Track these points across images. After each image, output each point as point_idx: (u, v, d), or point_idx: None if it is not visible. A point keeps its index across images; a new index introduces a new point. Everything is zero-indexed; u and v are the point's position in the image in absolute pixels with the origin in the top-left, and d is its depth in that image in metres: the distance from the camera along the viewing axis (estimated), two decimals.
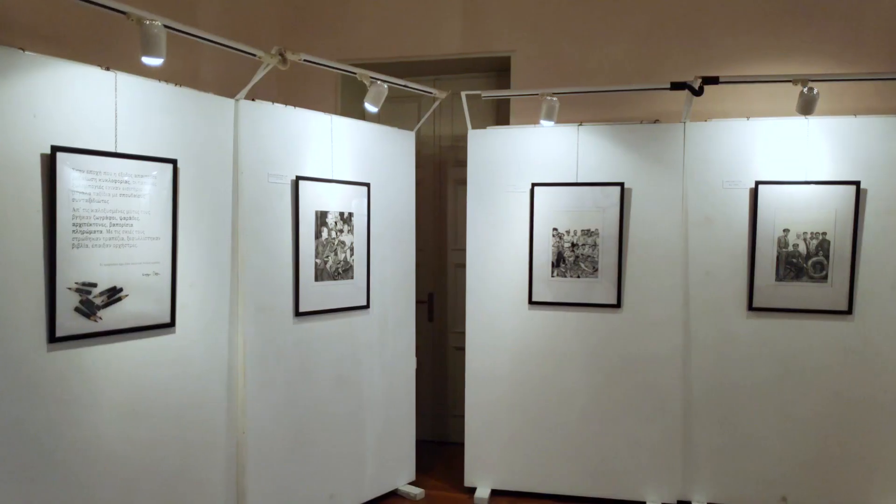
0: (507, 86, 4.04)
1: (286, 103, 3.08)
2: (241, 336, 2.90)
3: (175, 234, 2.63)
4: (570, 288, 3.55)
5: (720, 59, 3.66)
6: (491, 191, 3.62)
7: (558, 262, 3.55)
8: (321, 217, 3.19)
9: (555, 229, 3.55)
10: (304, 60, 2.86)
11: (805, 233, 3.28)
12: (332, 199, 3.24)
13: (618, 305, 3.49)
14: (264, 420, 2.98)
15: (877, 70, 3.46)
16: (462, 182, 3.69)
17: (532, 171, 3.57)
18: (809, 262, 3.29)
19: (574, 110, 3.77)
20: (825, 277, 3.28)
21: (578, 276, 3.54)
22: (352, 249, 3.34)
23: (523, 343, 3.60)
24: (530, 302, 3.58)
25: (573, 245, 3.54)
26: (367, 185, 3.40)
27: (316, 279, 3.18)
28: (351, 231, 3.33)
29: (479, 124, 3.70)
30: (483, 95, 3.49)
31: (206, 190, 2.77)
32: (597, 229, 3.50)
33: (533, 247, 3.57)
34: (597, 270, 3.51)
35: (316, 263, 3.18)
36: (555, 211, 3.54)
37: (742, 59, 3.64)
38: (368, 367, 3.47)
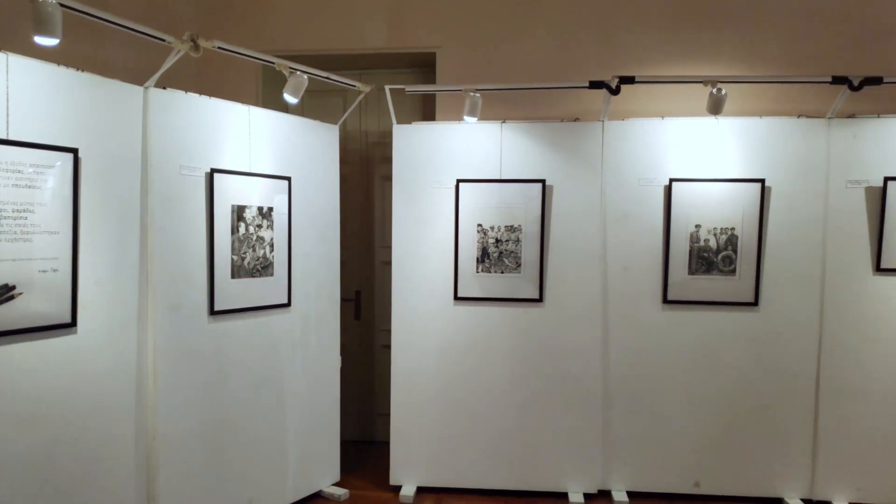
0: (432, 82, 4.03)
1: (205, 93, 2.96)
2: (151, 336, 2.76)
3: (76, 229, 2.47)
4: (494, 283, 3.57)
5: (637, 60, 3.77)
6: (416, 186, 3.60)
7: (483, 257, 3.57)
8: (238, 211, 3.08)
9: (479, 225, 3.56)
10: (219, 48, 2.75)
11: (715, 228, 3.43)
12: (251, 193, 3.14)
13: (540, 300, 3.54)
14: (177, 424, 2.85)
15: (777, 73, 3.65)
16: (389, 178, 3.65)
17: (457, 167, 3.57)
18: (719, 257, 3.44)
19: (498, 108, 3.80)
20: (734, 271, 3.43)
21: (502, 272, 3.57)
22: (272, 245, 3.24)
23: (449, 339, 3.60)
24: (456, 298, 3.59)
25: (497, 241, 3.56)
26: (288, 179, 3.32)
27: (233, 276, 3.07)
28: (271, 226, 3.24)
29: (406, 120, 3.67)
30: (407, 90, 3.46)
31: (111, 182, 2.62)
32: (520, 225, 3.54)
33: (458, 243, 3.57)
34: (520, 265, 3.55)
35: (233, 260, 3.07)
36: (479, 207, 3.56)
37: (657, 60, 3.76)
38: (290, 366, 3.38)
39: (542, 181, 3.51)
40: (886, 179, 3.29)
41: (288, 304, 3.34)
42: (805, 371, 3.43)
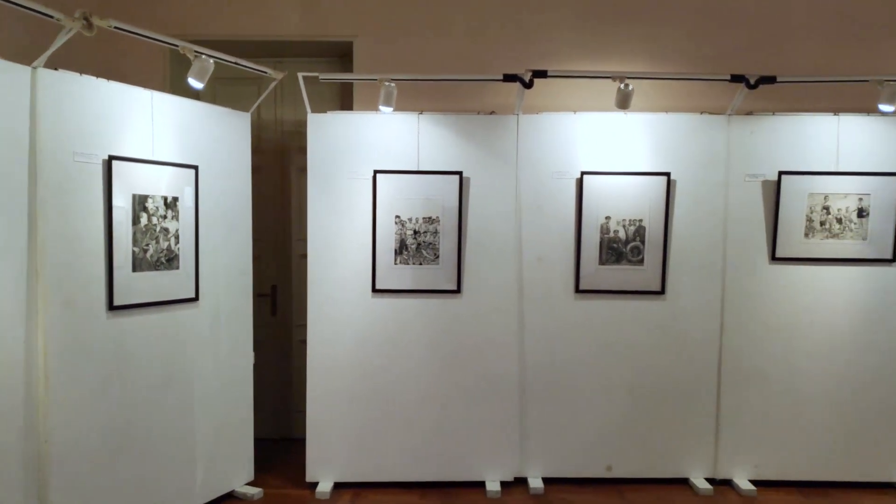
0: (350, 72, 3.97)
1: (110, 77, 2.79)
2: (41, 333, 2.59)
3: None
4: (412, 275, 3.56)
5: (551, 55, 3.84)
6: (333, 177, 3.53)
7: (401, 249, 3.55)
8: (140, 201, 2.93)
9: (397, 217, 3.54)
10: (115, 27, 2.60)
11: (624, 220, 3.54)
12: (154, 182, 2.99)
13: (458, 291, 3.56)
14: (72, 426, 2.69)
15: (681, 70, 3.80)
16: (305, 169, 3.57)
17: (374, 158, 3.53)
18: (628, 247, 3.55)
19: (415, 99, 3.79)
20: (641, 261, 3.55)
21: (421, 264, 3.56)
22: (177, 237, 3.10)
23: (366, 332, 3.56)
24: (374, 290, 3.55)
25: (415, 232, 3.55)
26: (195, 167, 3.18)
27: (134, 269, 2.92)
28: (176, 217, 3.10)
29: (325, 111, 3.60)
30: (321, 78, 3.39)
31: None
32: (438, 217, 3.54)
33: (376, 235, 3.53)
34: (438, 257, 3.55)
35: (134, 252, 2.91)
36: (397, 198, 3.53)
37: (570, 55, 3.85)
38: (199, 363, 3.25)
39: (460, 173, 3.52)
40: (781, 173, 3.49)
41: (195, 299, 3.21)
42: (708, 356, 3.60)
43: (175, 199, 3.09)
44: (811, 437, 3.60)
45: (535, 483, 3.56)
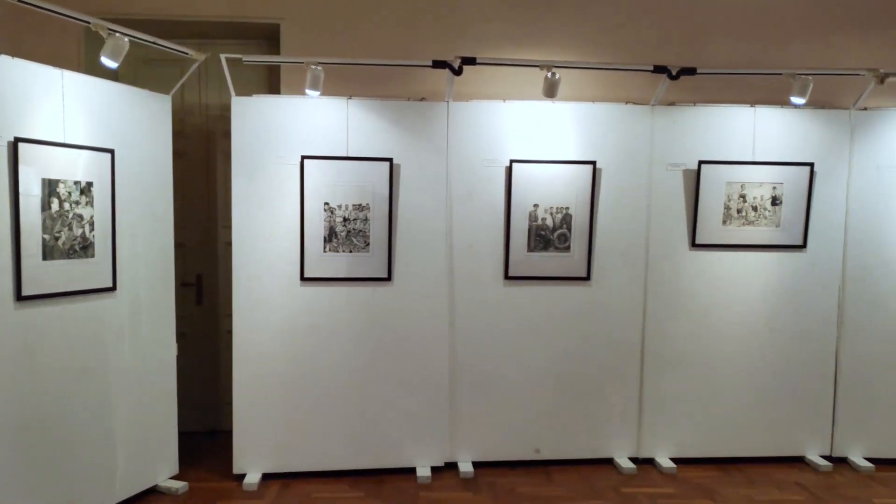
0: (278, 55, 3.87)
1: (18, 56, 2.62)
2: None
3: None
4: (342, 263, 3.52)
5: (482, 43, 3.85)
6: (259, 163, 3.44)
7: (330, 237, 3.50)
8: (51, 186, 2.78)
9: (326, 203, 3.49)
10: (21, 1, 2.45)
11: (552, 207, 3.60)
12: (66, 166, 2.84)
13: (388, 279, 3.54)
14: None
15: (606, 61, 3.87)
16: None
17: (302, 143, 3.46)
18: (555, 234, 3.62)
19: (344, 84, 3.73)
20: (568, 248, 3.63)
21: (351, 251, 3.52)
22: (92, 224, 2.97)
23: (295, 321, 3.50)
24: (302, 278, 3.49)
25: (345, 220, 3.51)
26: (111, 151, 3.04)
27: (45, 258, 2.78)
28: (90, 203, 2.96)
29: (250, 95, 3.50)
30: (244, 60, 3.30)
31: None
32: (368, 204, 3.51)
33: (304, 222, 3.47)
34: (368, 245, 3.52)
35: (44, 240, 2.77)
36: (326, 185, 3.48)
37: (499, 44, 3.86)
38: (118, 356, 3.13)
39: (390, 160, 3.50)
40: (700, 163, 3.62)
41: (113, 288, 3.08)
42: (631, 340, 3.71)
43: (90, 185, 2.95)
44: (728, 415, 3.77)
45: (466, 467, 3.61)
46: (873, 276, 3.71)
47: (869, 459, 3.76)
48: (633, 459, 3.75)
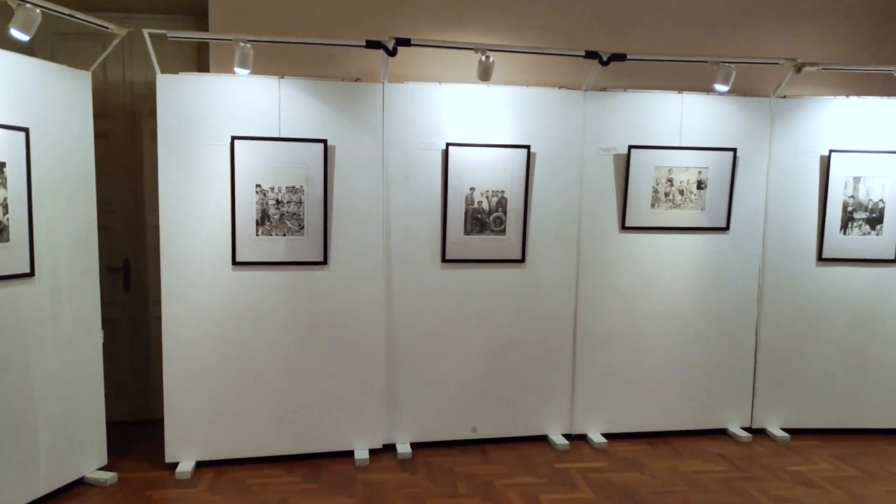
0: (207, 31, 3.74)
1: None
2: None
3: None
4: (276, 246, 3.46)
5: (417, 25, 3.82)
6: (186, 143, 3.33)
7: (263, 220, 3.43)
8: None
9: (258, 186, 3.41)
10: None
11: (488, 191, 3.63)
12: None
13: (324, 262, 3.51)
14: None
15: (540, 45, 3.91)
16: None
17: (232, 123, 3.36)
18: (491, 218, 3.65)
19: (276, 63, 3.64)
20: (504, 231, 3.67)
21: (285, 234, 3.46)
22: (6, 207, 2.82)
23: (227, 306, 3.43)
24: (234, 263, 3.42)
25: (278, 202, 3.44)
26: (25, 130, 2.89)
27: None
28: (4, 185, 2.80)
29: (176, 72, 3.37)
30: (168, 36, 3.17)
31: None
32: (302, 186, 3.45)
33: (235, 204, 3.39)
34: (303, 228, 3.47)
35: None
36: (258, 166, 3.40)
37: (435, 26, 3.85)
38: (38, 344, 2.99)
39: (324, 141, 3.44)
40: (630, 147, 3.71)
41: (31, 274, 2.94)
42: (564, 320, 3.80)
43: (2, 165, 2.79)
44: (655, 391, 3.92)
45: (404, 448, 3.63)
46: (790, 256, 3.91)
47: (785, 430, 3.99)
48: (567, 436, 3.86)
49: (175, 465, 3.43)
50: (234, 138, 3.34)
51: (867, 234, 3.88)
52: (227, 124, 3.35)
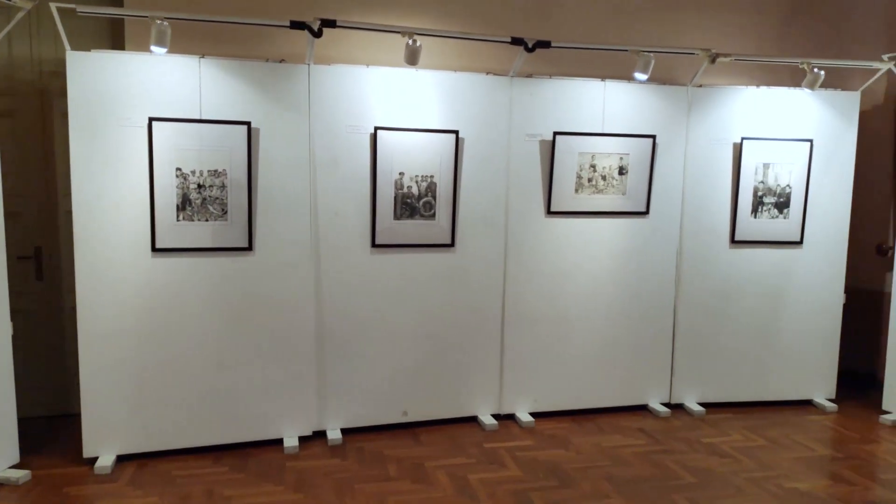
0: (122, 7, 3.57)
1: None
2: None
3: None
4: (198, 232, 3.36)
5: (346, 6, 3.77)
6: (100, 124, 3.18)
7: (184, 204, 3.33)
8: None
9: (178, 169, 3.30)
10: None
11: (417, 176, 3.63)
12: None
13: (249, 248, 3.43)
14: None
15: (468, 30, 3.92)
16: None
17: (150, 103, 3.23)
18: (421, 203, 3.67)
19: (197, 42, 3.52)
20: (433, 216, 3.69)
21: (207, 220, 3.37)
22: None
23: (147, 295, 3.31)
24: (154, 249, 3.30)
25: (200, 186, 3.34)
26: None
27: None
28: None
29: (89, 49, 3.21)
30: (78, 10, 3.00)
31: None
32: (225, 170, 3.36)
33: (154, 189, 3.27)
34: (226, 213, 3.39)
35: None
36: (178, 149, 3.28)
37: (362, 7, 3.80)
38: None
39: (248, 123, 3.36)
40: (555, 134, 3.79)
41: None
42: (493, 303, 3.87)
43: None
44: (580, 370, 4.05)
45: (334, 435, 3.62)
46: (706, 239, 4.10)
47: (701, 404, 4.20)
48: (496, 416, 3.95)
49: (94, 459, 3.30)
50: (151, 120, 3.22)
51: (775, 217, 4.11)
52: (144, 105, 3.22)
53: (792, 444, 3.71)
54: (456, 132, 3.65)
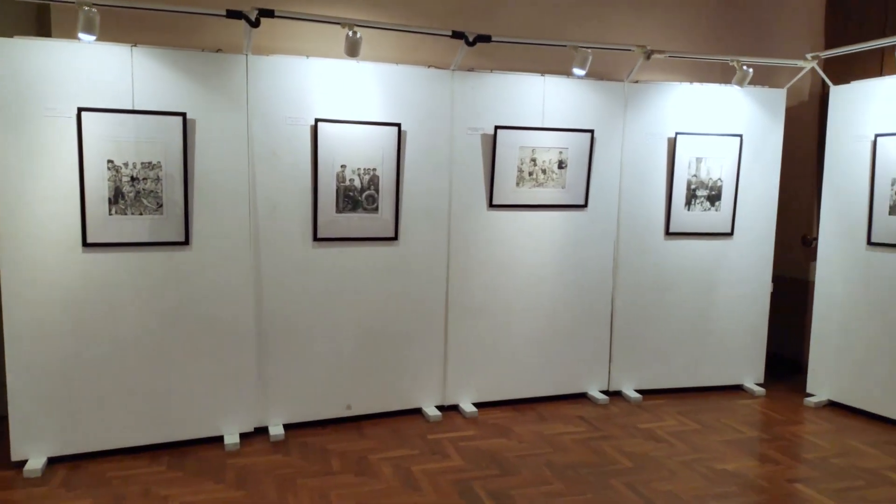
0: None
1: None
2: None
3: None
4: (132, 226, 3.26)
5: None
6: (24, 115, 3.04)
7: (116, 198, 3.22)
8: None
9: (110, 161, 3.19)
10: None
11: (359, 168, 3.62)
12: None
13: (186, 242, 3.36)
14: None
15: (409, 23, 3.92)
16: None
17: (79, 93, 3.11)
18: (363, 195, 3.66)
19: (130, 31, 3.40)
20: (376, 209, 3.69)
21: (142, 214, 3.27)
22: None
23: (79, 291, 3.20)
24: (85, 244, 3.19)
25: (134, 179, 3.24)
26: None
27: None
28: None
29: (11, 35, 3.06)
30: None
31: None
32: (160, 162, 3.27)
33: (84, 181, 3.15)
34: (162, 206, 3.30)
35: None
36: (110, 140, 3.18)
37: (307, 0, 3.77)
38: None
39: (183, 114, 3.27)
40: (497, 128, 3.84)
41: None
42: (436, 295, 3.89)
43: None
44: (522, 360, 4.12)
45: (276, 430, 3.59)
46: (641, 232, 4.23)
47: (638, 391, 4.34)
48: (441, 407, 3.98)
49: (23, 462, 3.18)
50: (80, 110, 3.10)
51: (708, 210, 4.27)
52: (73, 95, 3.10)
53: (722, 427, 3.87)
54: (398, 125, 3.65)
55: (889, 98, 3.84)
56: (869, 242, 3.94)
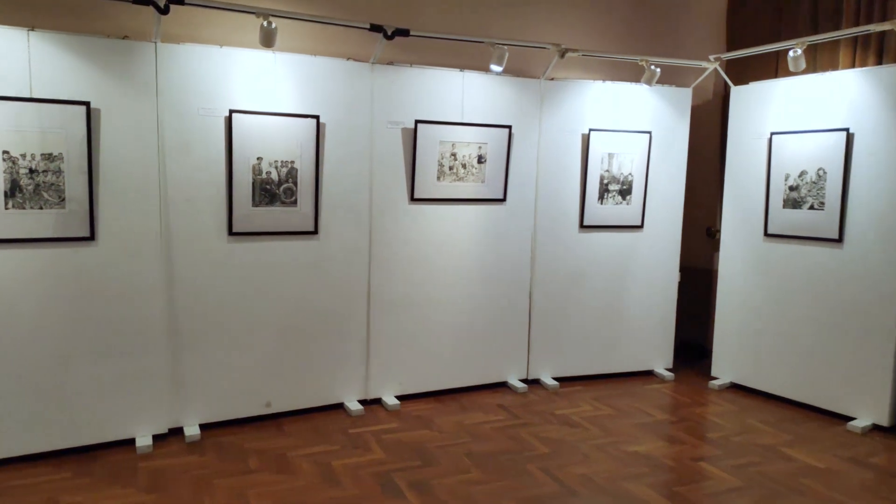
0: None
1: None
2: None
3: None
4: (31, 221, 3.09)
5: None
6: None
7: (13, 191, 3.04)
8: None
9: (6, 152, 3.01)
10: None
11: (276, 161, 3.56)
12: None
13: (91, 238, 3.21)
14: None
15: (327, 15, 3.88)
16: None
17: None
18: (281, 189, 3.59)
19: (27, 15, 3.21)
20: (295, 202, 3.63)
21: (42, 208, 3.10)
22: None
23: None
24: None
25: (32, 171, 3.06)
26: None
27: None
28: None
29: None
30: None
31: None
32: (61, 153, 3.10)
33: None
34: (64, 200, 3.14)
35: None
36: (5, 130, 2.99)
37: None
38: None
39: (87, 104, 3.12)
40: (417, 122, 3.85)
41: None
42: (358, 290, 3.88)
43: None
44: (444, 352, 4.18)
45: (192, 431, 3.49)
46: (557, 225, 4.36)
47: (556, 378, 4.49)
48: (363, 401, 3.98)
49: None
50: None
51: (619, 203, 4.45)
52: None
53: (634, 411, 4.06)
54: (317, 117, 3.61)
55: (783, 98, 4.12)
56: (766, 234, 4.22)
